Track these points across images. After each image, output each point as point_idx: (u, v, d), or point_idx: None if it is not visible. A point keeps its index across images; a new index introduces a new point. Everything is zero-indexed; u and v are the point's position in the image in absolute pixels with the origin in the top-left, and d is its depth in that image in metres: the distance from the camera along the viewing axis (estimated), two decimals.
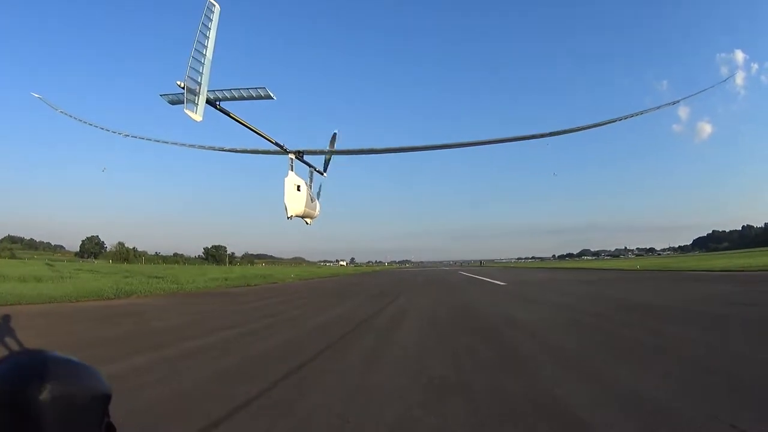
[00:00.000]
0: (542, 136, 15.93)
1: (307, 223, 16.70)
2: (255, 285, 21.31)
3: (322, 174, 16.79)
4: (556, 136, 16.61)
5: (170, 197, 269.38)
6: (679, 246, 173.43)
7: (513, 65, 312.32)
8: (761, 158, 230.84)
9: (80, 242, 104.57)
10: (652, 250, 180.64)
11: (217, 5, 10.41)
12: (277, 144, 13.98)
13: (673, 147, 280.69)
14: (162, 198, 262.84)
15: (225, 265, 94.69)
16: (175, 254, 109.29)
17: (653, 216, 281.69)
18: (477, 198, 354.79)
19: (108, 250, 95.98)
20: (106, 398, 0.52)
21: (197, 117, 10.19)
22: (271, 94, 11.24)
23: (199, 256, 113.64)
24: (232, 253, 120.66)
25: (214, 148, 18.54)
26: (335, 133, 18.09)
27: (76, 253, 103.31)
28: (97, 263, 60.10)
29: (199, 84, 10.16)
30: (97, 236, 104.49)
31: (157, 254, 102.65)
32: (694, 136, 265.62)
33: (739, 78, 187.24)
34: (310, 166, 16.17)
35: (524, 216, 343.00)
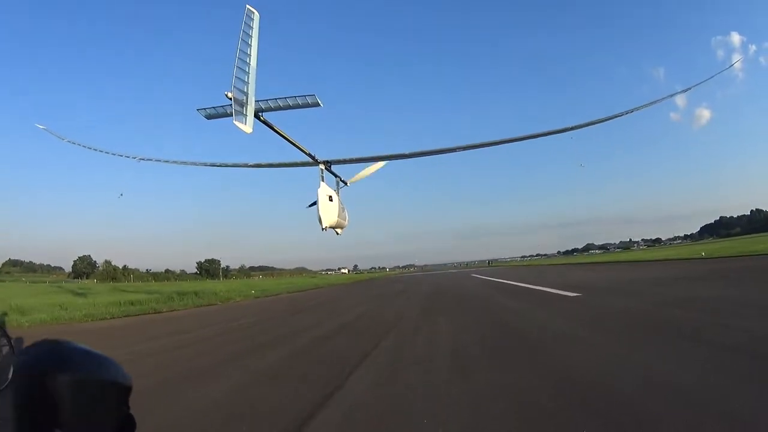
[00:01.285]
0: (545, 134, 16.47)
1: (337, 234, 17.02)
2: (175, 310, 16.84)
3: (346, 184, 17.21)
4: (552, 135, 17.31)
5: (167, 213, 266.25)
6: (686, 235, 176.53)
7: (504, 64, 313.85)
8: (762, 142, 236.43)
9: (72, 262, 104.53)
10: (658, 240, 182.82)
11: (256, 12, 10.70)
12: (309, 155, 14.40)
13: (672, 135, 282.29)
14: (160, 214, 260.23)
15: (219, 279, 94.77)
16: (167, 270, 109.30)
17: (655, 206, 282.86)
18: (476, 197, 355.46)
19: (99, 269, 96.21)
20: (126, 390, 0.55)
21: (248, 129, 10.43)
22: (319, 102, 11.57)
23: (192, 272, 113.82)
24: (227, 267, 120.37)
25: (238, 165, 18.91)
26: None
27: (69, 274, 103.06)
28: (87, 283, 60.42)
29: (246, 94, 10.46)
30: (89, 256, 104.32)
31: (147, 271, 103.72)
32: (692, 122, 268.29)
33: (737, 63, 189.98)
34: (336, 176, 16.58)
35: (524, 213, 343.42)
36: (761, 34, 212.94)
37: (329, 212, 14.51)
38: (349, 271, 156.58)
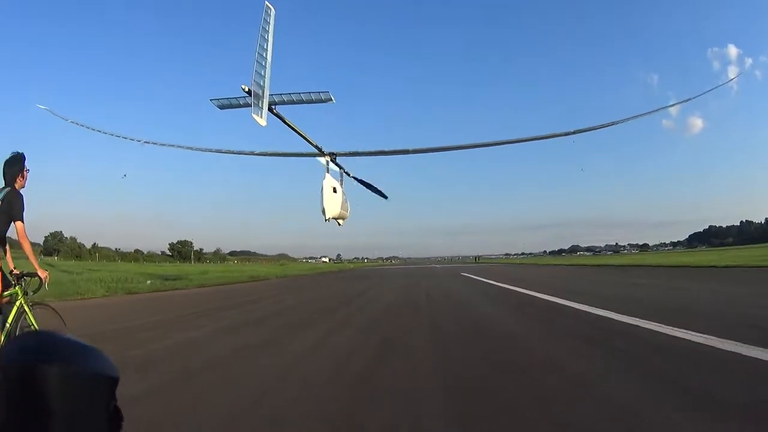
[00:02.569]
0: (542, 138, 17.52)
1: (339, 224, 17.69)
2: None
3: (349, 175, 17.87)
4: (544, 139, 18.32)
5: (148, 193, 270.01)
6: (674, 242, 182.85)
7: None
8: (754, 154, 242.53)
9: (44, 238, 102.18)
10: (645, 245, 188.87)
11: (272, 8, 11.32)
12: (317, 147, 15.01)
13: (664, 142, 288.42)
14: (141, 194, 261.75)
15: (190, 262, 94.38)
16: (136, 250, 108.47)
17: (643, 211, 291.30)
18: (464, 194, 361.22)
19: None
20: (113, 381, 0.56)
21: (262, 121, 11.12)
22: (332, 98, 12.26)
23: (163, 252, 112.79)
24: (201, 249, 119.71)
25: (245, 153, 19.33)
26: None
27: (41, 251, 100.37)
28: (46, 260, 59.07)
29: (263, 87, 11.11)
30: (61, 232, 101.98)
31: (117, 250, 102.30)
32: (685, 130, 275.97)
33: (732, 73, 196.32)
34: (341, 168, 17.20)
35: (509, 213, 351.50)
36: (757, 48, 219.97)
37: (333, 204, 15.10)
38: (330, 260, 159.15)
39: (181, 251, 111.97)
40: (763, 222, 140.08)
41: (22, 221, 3.95)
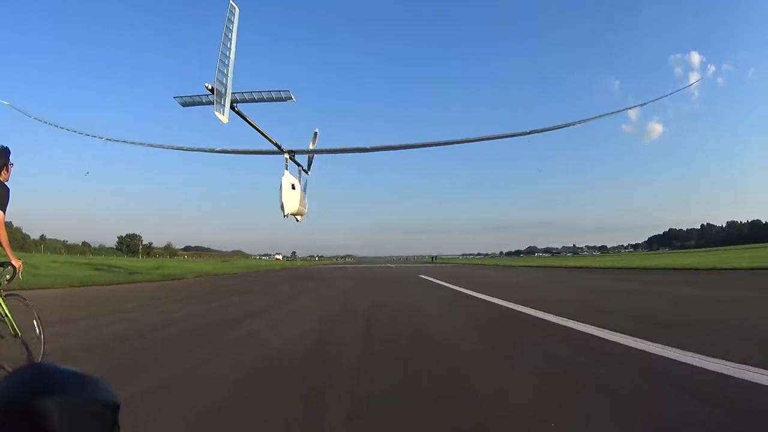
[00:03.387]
0: (499, 137, 19.18)
1: (297, 221, 18.47)
2: None
3: (307, 172, 18.77)
4: (507, 138, 19.96)
5: (106, 189, 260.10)
6: (632, 244, 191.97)
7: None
8: (713, 159, 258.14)
9: None
10: (603, 247, 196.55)
11: (236, 7, 12.02)
12: (276, 144, 15.87)
13: (624, 146, 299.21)
14: (94, 188, 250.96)
15: (138, 256, 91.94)
16: (84, 243, 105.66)
17: (601, 215, 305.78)
18: (422, 193, 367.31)
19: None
20: (115, 408, 0.56)
21: (224, 119, 11.74)
22: (292, 96, 13.13)
23: (111, 246, 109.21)
24: (150, 244, 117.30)
25: (204, 150, 19.67)
26: (316, 132, 19.93)
27: None
28: None
29: (225, 86, 11.80)
30: (10, 222, 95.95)
31: (64, 243, 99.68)
32: (644, 136, 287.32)
33: (694, 79, 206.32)
34: (299, 165, 18.00)
35: (466, 212, 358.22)
36: (719, 55, 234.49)
37: (291, 200, 15.78)
38: (284, 257, 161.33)
39: (130, 245, 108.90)
40: (724, 225, 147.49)
41: (4, 212, 3.99)
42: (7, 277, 4.12)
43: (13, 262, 4.06)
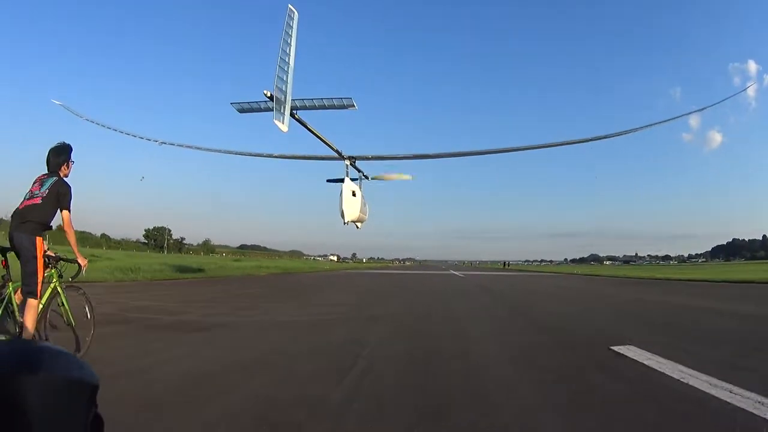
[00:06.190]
0: (566, 144, 18.61)
1: (357, 227, 18.68)
2: None
3: (368, 178, 18.87)
4: (567, 145, 19.32)
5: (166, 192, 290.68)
6: (696, 254, 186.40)
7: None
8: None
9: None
10: (667, 257, 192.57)
11: (295, 11, 12.14)
12: (337, 151, 15.99)
13: (683, 155, 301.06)
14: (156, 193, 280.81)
15: (162, 251, 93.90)
16: (103, 235, 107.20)
17: (659, 223, 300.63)
18: (486, 200, 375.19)
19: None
20: (93, 388, 0.59)
21: (284, 127, 11.95)
22: (354, 104, 13.11)
23: (137, 240, 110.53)
24: (181, 239, 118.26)
25: (263, 155, 20.23)
26: None
27: None
28: None
29: (285, 93, 11.95)
30: None
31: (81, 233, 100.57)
32: (704, 144, 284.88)
33: (751, 89, 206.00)
34: (360, 171, 18.18)
35: (529, 218, 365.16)
36: None
37: (352, 207, 16.15)
38: (338, 258, 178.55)
39: (156, 238, 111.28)
40: None
41: (69, 210, 4.25)
42: (73, 273, 4.57)
43: (79, 259, 4.40)
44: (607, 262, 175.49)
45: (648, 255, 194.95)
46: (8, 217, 4.61)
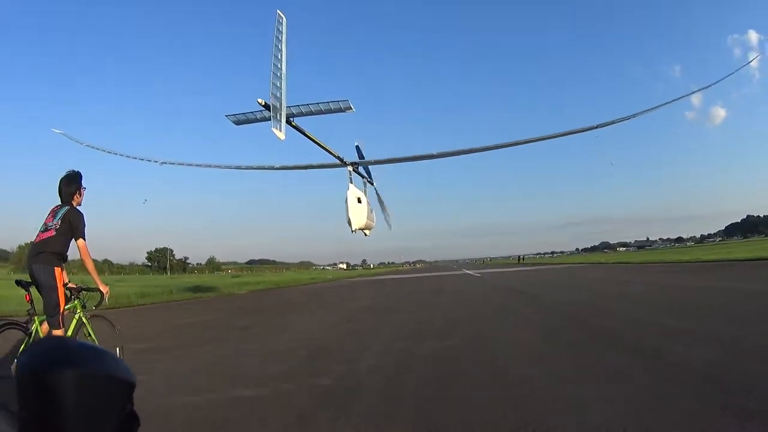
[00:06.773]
0: (566, 134, 18.01)
1: (365, 235, 18.11)
2: None
3: (372, 184, 18.35)
4: (572, 135, 18.73)
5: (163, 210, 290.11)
6: (710, 234, 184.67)
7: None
8: None
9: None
10: (680, 239, 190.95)
11: (284, 17, 11.68)
12: (338, 157, 15.47)
13: (687, 133, 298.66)
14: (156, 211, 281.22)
15: (166, 274, 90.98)
16: (105, 261, 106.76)
17: (669, 204, 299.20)
18: (486, 196, 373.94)
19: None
20: (130, 386, 0.60)
21: (281, 135, 11.50)
22: (352, 107, 12.62)
23: (142, 263, 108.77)
24: (185, 259, 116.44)
25: (264, 168, 19.73)
26: (357, 145, 19.24)
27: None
28: None
29: (280, 100, 11.49)
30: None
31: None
32: (707, 121, 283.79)
33: (753, 61, 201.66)
34: (363, 176, 17.67)
35: (536, 211, 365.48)
36: None
37: (359, 214, 15.66)
38: (348, 266, 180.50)
39: (159, 260, 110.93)
40: None
41: (84, 239, 4.30)
42: (95, 302, 4.73)
43: (101, 287, 4.46)
44: (621, 249, 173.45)
45: (660, 238, 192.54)
46: (13, 250, 4.29)
